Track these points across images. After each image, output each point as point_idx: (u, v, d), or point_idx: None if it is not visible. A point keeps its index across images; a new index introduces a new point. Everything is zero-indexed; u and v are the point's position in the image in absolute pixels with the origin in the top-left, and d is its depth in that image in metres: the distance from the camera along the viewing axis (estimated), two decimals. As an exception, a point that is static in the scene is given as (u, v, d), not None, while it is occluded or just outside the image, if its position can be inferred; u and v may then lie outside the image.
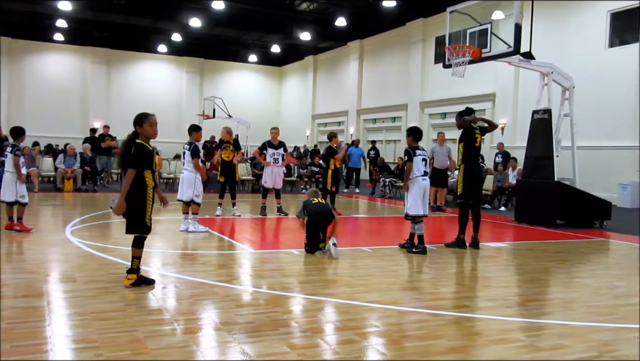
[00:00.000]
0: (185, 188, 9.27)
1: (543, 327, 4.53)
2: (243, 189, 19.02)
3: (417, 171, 7.77)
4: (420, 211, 7.73)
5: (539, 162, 11.77)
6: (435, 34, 23.67)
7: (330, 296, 5.26)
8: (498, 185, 15.51)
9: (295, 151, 26.14)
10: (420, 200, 7.73)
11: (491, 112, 20.82)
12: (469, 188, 8.24)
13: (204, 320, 4.44)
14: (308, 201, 7.74)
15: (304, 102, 34.64)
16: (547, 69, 11.92)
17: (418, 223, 7.76)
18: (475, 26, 12.48)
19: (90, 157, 17.53)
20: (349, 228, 10.62)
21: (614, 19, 17.08)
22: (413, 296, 5.53)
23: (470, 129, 8.25)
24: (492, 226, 11.42)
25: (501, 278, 6.60)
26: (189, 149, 9.31)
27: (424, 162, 7.82)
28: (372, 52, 28.83)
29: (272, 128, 11.93)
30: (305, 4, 27.21)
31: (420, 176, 7.76)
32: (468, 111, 8.46)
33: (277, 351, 3.67)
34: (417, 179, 7.77)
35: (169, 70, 34.31)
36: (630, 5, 16.36)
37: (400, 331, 4.30)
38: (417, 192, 7.75)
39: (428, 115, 24.52)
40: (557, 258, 7.88)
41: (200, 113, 28.86)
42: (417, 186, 7.76)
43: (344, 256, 7.23)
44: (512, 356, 3.74)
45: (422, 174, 7.77)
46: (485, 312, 4.91)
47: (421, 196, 7.74)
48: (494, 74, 19.90)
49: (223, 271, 6.33)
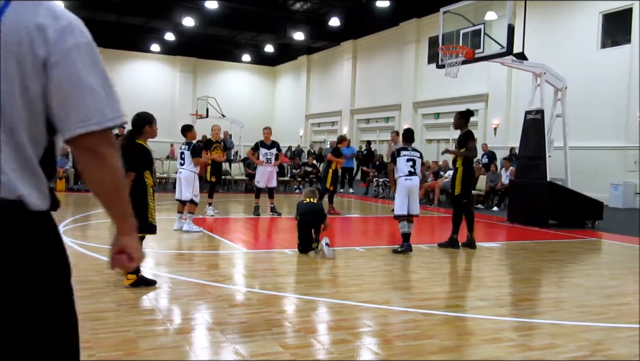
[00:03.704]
0: (184, 188, 9.27)
1: (535, 326, 4.55)
2: (236, 188, 19.00)
3: (401, 171, 7.89)
4: (404, 211, 7.83)
5: (531, 162, 11.82)
6: (428, 35, 23.71)
7: (323, 296, 5.26)
8: (491, 185, 15.57)
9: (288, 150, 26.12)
10: (404, 200, 7.83)
11: (484, 113, 20.91)
12: (467, 188, 8.31)
13: (196, 320, 4.43)
14: (300, 201, 7.76)
15: (297, 102, 34.63)
16: (540, 70, 11.96)
17: (401, 221, 7.86)
18: (469, 27, 12.52)
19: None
20: (343, 228, 10.62)
21: (606, 20, 17.19)
22: (406, 296, 5.54)
23: (472, 133, 8.29)
24: (485, 226, 11.46)
25: (494, 277, 6.62)
26: (188, 149, 9.33)
27: (410, 163, 7.90)
28: (365, 52, 28.86)
29: (264, 128, 11.92)
30: (298, 3, 27.20)
31: (404, 176, 7.87)
32: (468, 112, 8.49)
33: (270, 351, 3.67)
34: (400, 179, 7.90)
35: (162, 69, 34.19)
36: (622, 6, 16.47)
37: (393, 330, 4.30)
38: (401, 192, 7.87)
39: (421, 115, 24.57)
40: (549, 258, 7.91)
41: (193, 113, 28.77)
42: (400, 186, 7.90)
43: (337, 256, 7.23)
44: (505, 356, 3.75)
45: (405, 175, 7.87)
46: (478, 312, 4.93)
47: (405, 195, 7.84)
48: (487, 74, 19.97)
49: (216, 271, 6.32)
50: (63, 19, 1.45)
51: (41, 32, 1.40)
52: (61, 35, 1.43)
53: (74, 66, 1.43)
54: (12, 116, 1.40)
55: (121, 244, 1.63)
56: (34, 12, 1.42)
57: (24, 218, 1.41)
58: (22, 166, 1.42)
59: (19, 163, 1.42)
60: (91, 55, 1.47)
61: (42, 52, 1.40)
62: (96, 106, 1.44)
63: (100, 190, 1.54)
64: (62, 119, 1.44)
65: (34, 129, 1.45)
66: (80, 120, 1.43)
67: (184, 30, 28.78)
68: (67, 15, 1.47)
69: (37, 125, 1.45)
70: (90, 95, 1.44)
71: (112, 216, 1.59)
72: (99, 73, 1.47)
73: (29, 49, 1.39)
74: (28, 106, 1.41)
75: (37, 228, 1.44)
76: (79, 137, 1.44)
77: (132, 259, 1.65)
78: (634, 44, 15.95)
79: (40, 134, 1.47)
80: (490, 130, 20.42)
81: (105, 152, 1.48)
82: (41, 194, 1.46)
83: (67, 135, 1.45)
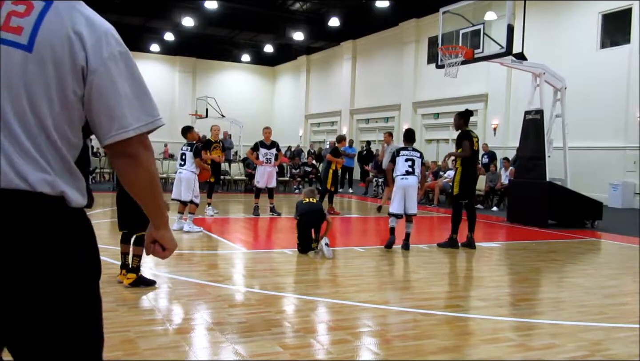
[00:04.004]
0: (184, 189, 9.26)
1: (534, 326, 4.56)
2: (235, 189, 18.99)
3: (399, 170, 8.00)
4: (397, 210, 7.93)
5: (530, 162, 11.82)
6: (428, 35, 23.71)
7: (323, 296, 5.26)
8: (490, 185, 15.58)
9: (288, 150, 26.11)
10: (400, 200, 7.92)
11: (483, 113, 20.91)
12: (467, 189, 8.33)
13: (196, 320, 4.43)
14: (299, 201, 7.76)
15: (296, 102, 34.62)
16: (539, 70, 11.97)
17: (392, 217, 8.00)
18: (468, 27, 12.52)
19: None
20: (342, 228, 10.62)
21: (605, 21, 17.19)
22: (405, 296, 5.54)
23: (468, 133, 8.29)
24: (485, 226, 11.46)
25: (493, 277, 6.63)
26: (190, 150, 9.36)
27: (409, 163, 7.97)
28: (365, 53, 28.85)
29: (264, 128, 11.93)
30: (298, 3, 27.20)
31: (400, 175, 7.97)
32: (466, 112, 8.51)
33: (269, 351, 3.67)
34: (397, 178, 8.01)
35: (162, 69, 34.19)
36: (621, 6, 16.48)
37: (393, 330, 4.31)
38: (397, 191, 7.99)
39: (421, 115, 24.56)
40: (549, 258, 7.92)
41: (193, 113, 28.75)
42: (397, 185, 8.02)
43: (337, 256, 7.23)
44: (504, 356, 3.75)
45: (402, 174, 7.97)
46: (477, 312, 4.93)
47: (402, 195, 7.93)
48: (487, 74, 19.98)
49: (215, 271, 6.32)
50: (100, 29, 1.52)
51: (79, 39, 1.47)
52: (98, 43, 1.50)
53: (110, 74, 1.50)
54: (51, 118, 1.47)
55: (155, 236, 1.77)
56: (73, 18, 1.49)
57: (65, 213, 1.51)
58: (61, 165, 1.51)
59: (58, 162, 1.50)
60: (126, 64, 1.55)
61: (81, 59, 1.47)
62: (132, 113, 1.53)
63: (137, 191, 1.64)
64: (100, 126, 1.53)
65: (71, 132, 1.52)
66: (116, 128, 1.52)
67: (184, 31, 28.77)
68: (103, 24, 1.55)
69: (74, 128, 1.53)
70: (126, 103, 1.53)
71: (147, 212, 1.71)
72: (134, 80, 1.57)
73: (68, 54, 1.46)
74: (65, 110, 1.49)
75: (77, 224, 1.54)
76: (117, 143, 1.53)
77: (166, 249, 1.81)
78: (633, 44, 15.95)
79: (76, 136, 1.55)
80: (490, 130, 20.43)
81: (142, 156, 1.58)
82: (80, 191, 1.56)
83: (105, 142, 1.54)
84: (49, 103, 1.46)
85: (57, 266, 1.46)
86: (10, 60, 1.43)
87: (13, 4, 1.46)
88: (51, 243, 1.45)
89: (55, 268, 1.46)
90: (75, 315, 1.51)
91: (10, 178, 1.42)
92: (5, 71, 1.43)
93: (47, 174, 1.46)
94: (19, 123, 1.44)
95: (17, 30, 1.44)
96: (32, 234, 1.43)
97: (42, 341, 1.46)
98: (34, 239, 1.43)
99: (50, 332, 1.47)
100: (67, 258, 1.48)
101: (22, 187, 1.43)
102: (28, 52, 1.43)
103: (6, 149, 1.43)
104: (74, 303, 1.50)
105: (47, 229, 1.45)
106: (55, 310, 1.46)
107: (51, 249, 1.45)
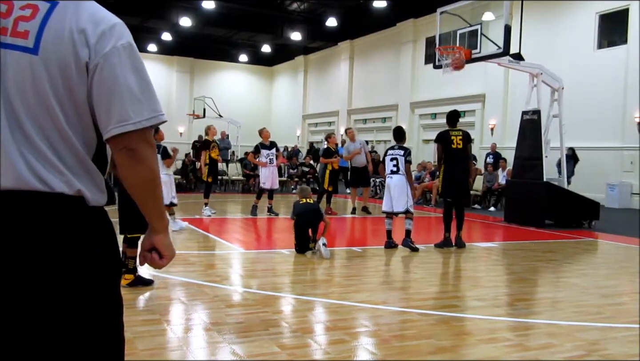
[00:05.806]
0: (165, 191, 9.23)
1: (532, 326, 4.56)
2: (233, 189, 18.98)
3: (387, 170, 8.21)
4: (384, 207, 8.15)
5: (528, 162, 11.83)
6: (425, 35, 23.71)
7: (321, 296, 5.26)
8: (488, 185, 15.59)
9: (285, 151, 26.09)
10: (387, 198, 8.12)
11: (481, 113, 20.93)
12: (448, 187, 8.40)
13: (193, 320, 4.43)
14: (296, 201, 7.76)
15: (294, 102, 34.59)
16: (537, 70, 11.99)
17: (388, 218, 8.10)
18: (465, 27, 12.54)
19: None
20: (340, 228, 10.62)
21: (602, 21, 17.22)
22: (403, 296, 5.54)
23: (442, 133, 8.40)
24: (482, 226, 11.47)
25: (490, 277, 6.63)
26: (157, 152, 9.27)
27: (393, 162, 8.12)
28: (362, 53, 28.85)
29: (263, 129, 11.94)
30: (295, 4, 27.18)
31: (387, 175, 8.20)
32: (454, 114, 8.57)
33: (267, 352, 3.67)
34: (386, 178, 8.19)
35: (159, 69, 34.09)
36: (618, 7, 16.51)
37: (390, 330, 4.31)
38: (386, 190, 8.20)
39: (418, 115, 24.58)
40: (546, 258, 7.93)
41: (190, 113, 28.72)
42: (386, 184, 8.23)
43: (334, 256, 7.24)
44: (501, 356, 3.76)
45: (388, 173, 8.19)
46: (475, 312, 4.94)
47: (387, 193, 8.14)
48: (484, 75, 19.98)
49: (213, 271, 6.31)
50: (104, 22, 1.50)
51: (82, 36, 1.46)
52: (101, 38, 1.48)
53: (112, 68, 1.48)
54: (63, 118, 1.47)
55: (153, 241, 1.67)
56: (78, 16, 1.48)
57: (84, 213, 1.49)
58: (77, 163, 1.50)
59: (74, 161, 1.49)
60: (130, 57, 1.52)
61: (84, 55, 1.46)
62: (133, 107, 1.49)
63: (135, 189, 1.57)
64: (102, 120, 1.50)
65: (84, 130, 1.51)
66: (117, 121, 1.48)
67: (181, 30, 28.73)
68: (108, 18, 1.52)
69: (86, 126, 1.52)
70: (127, 96, 1.49)
71: (146, 214, 1.63)
72: (137, 74, 1.52)
73: (72, 53, 1.45)
74: (76, 108, 1.48)
75: (96, 224, 1.52)
76: (117, 137, 1.49)
77: (163, 257, 1.69)
78: (630, 45, 15.99)
79: (90, 135, 1.53)
80: (487, 130, 20.45)
81: (142, 152, 1.52)
82: (99, 189, 1.54)
83: (106, 135, 1.50)
84: (59, 103, 1.46)
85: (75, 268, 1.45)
86: (20, 64, 1.44)
87: (20, 9, 1.48)
88: (69, 244, 1.44)
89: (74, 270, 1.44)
90: (97, 319, 1.49)
91: (27, 179, 1.43)
92: (17, 75, 1.44)
93: (62, 174, 1.47)
94: (32, 125, 1.45)
95: (24, 35, 1.46)
96: (49, 236, 1.42)
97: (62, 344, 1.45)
98: (52, 241, 1.43)
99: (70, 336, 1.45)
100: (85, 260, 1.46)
101: (39, 188, 1.44)
102: (34, 55, 1.45)
103: (22, 151, 1.44)
104: (96, 305, 1.48)
105: (65, 230, 1.45)
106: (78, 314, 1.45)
107: (69, 251, 1.44)
